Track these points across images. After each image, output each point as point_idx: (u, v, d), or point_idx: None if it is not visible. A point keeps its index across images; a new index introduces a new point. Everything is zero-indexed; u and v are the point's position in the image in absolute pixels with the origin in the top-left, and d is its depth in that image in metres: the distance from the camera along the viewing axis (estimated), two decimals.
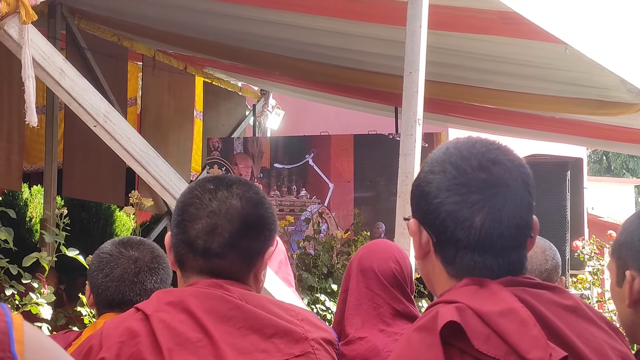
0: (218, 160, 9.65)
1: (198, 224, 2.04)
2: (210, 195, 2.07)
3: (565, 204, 7.46)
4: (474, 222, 1.68)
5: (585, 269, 7.77)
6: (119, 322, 2.03)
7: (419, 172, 1.79)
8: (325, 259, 6.78)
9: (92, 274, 2.85)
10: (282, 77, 9.77)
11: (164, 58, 9.40)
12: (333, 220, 9.13)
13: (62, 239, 4.27)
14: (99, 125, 3.58)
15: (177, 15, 7.44)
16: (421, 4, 4.54)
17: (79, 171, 8.33)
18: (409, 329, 1.69)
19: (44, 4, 6.98)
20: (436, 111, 8.66)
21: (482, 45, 6.58)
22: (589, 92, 7.51)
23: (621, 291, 2.07)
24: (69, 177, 8.27)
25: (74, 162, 8.29)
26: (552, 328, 1.65)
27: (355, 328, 3.18)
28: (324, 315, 6.12)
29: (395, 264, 3.26)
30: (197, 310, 1.97)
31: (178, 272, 2.13)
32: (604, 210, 20.14)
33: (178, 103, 9.77)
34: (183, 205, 2.09)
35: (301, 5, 6.34)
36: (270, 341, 1.99)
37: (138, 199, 4.60)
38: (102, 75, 8.23)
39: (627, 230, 2.10)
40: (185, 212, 2.07)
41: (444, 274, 1.74)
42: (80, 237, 8.47)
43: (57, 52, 3.48)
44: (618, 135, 9.24)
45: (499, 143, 1.76)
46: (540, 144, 11.38)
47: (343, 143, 9.35)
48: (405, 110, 4.58)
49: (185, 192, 2.13)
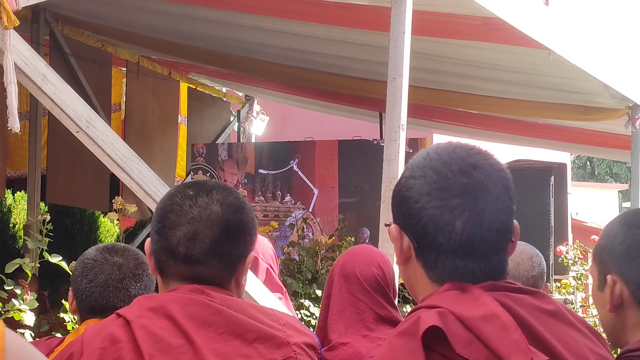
0: (203, 166, 9.64)
1: (179, 230, 2.04)
2: (191, 201, 2.06)
3: (549, 209, 7.48)
4: (454, 226, 1.68)
5: (569, 274, 7.78)
6: (100, 328, 2.02)
7: (400, 177, 1.79)
8: (310, 265, 6.77)
9: (76, 279, 2.84)
10: (267, 82, 9.77)
11: (148, 64, 9.38)
12: (317, 225, 9.13)
13: (45, 245, 4.26)
14: (81, 131, 3.57)
15: (161, 21, 7.43)
16: (405, 10, 4.54)
17: (62, 177, 8.30)
18: (391, 334, 1.69)
19: (27, 10, 6.98)
20: (420, 117, 8.68)
21: (466, 51, 6.60)
22: (572, 97, 7.54)
23: (603, 295, 2.08)
24: (53, 183, 8.24)
25: (57, 168, 8.26)
26: (534, 332, 1.65)
27: (338, 334, 3.17)
28: (308, 321, 6.11)
29: (377, 269, 3.26)
30: (178, 316, 1.97)
31: (159, 279, 2.13)
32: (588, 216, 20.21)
33: (162, 109, 9.75)
34: (163, 212, 2.08)
35: (285, 11, 6.34)
36: (252, 346, 1.99)
37: (122, 205, 4.59)
38: (86, 81, 8.20)
39: (608, 234, 2.11)
40: (166, 219, 2.06)
41: (426, 279, 1.74)
42: (64, 243, 8.44)
43: (39, 58, 3.47)
44: (602, 141, 9.28)
45: (479, 148, 1.76)
46: (524, 150, 11.42)
47: (327, 149, 9.36)
48: (389, 115, 4.58)
49: (165, 198, 2.12)
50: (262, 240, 4.26)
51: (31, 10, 7.43)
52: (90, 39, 8.50)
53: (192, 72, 10.23)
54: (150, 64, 9.41)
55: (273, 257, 4.25)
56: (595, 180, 37.29)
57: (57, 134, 7.72)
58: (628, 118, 7.41)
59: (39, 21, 7.66)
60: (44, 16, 7.71)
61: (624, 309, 2.05)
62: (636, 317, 2.04)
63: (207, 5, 6.49)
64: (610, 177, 38.76)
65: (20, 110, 3.42)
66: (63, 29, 8.13)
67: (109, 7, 7.23)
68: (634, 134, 7.48)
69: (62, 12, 7.92)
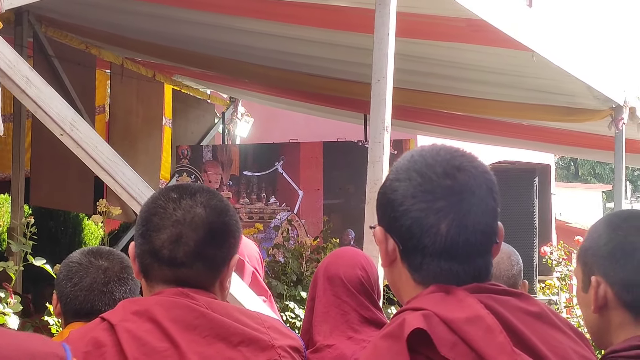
0: (187, 168, 9.63)
1: (163, 233, 2.03)
2: (174, 204, 2.06)
3: (533, 210, 7.50)
4: (439, 228, 1.68)
5: (553, 275, 7.80)
6: (84, 332, 2.01)
7: (384, 180, 1.79)
8: (295, 267, 6.78)
9: (61, 283, 2.83)
10: (251, 84, 9.76)
11: (132, 66, 9.36)
12: (302, 227, 9.13)
13: (29, 248, 4.25)
14: (65, 134, 3.56)
15: (145, 23, 7.41)
16: (389, 11, 4.54)
17: (46, 179, 8.27)
18: (376, 337, 1.70)
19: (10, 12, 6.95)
20: (405, 118, 8.68)
21: (450, 53, 6.61)
22: (556, 99, 7.56)
23: (587, 297, 2.09)
24: (37, 185, 8.21)
25: (41, 170, 8.23)
26: (518, 335, 1.65)
27: (323, 335, 3.17)
28: (294, 323, 6.11)
29: (361, 270, 3.26)
30: (163, 319, 1.96)
31: (143, 282, 2.12)
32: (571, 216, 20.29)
33: (147, 111, 9.73)
34: (147, 215, 2.07)
35: (270, 13, 6.33)
36: (237, 349, 1.99)
37: (106, 207, 4.59)
38: (70, 83, 8.18)
39: (592, 236, 2.12)
40: (149, 222, 2.06)
41: (411, 282, 1.74)
42: (48, 245, 8.40)
43: (22, 61, 3.46)
44: (585, 142, 9.32)
45: (463, 150, 1.77)
46: (508, 151, 11.46)
47: (312, 150, 9.36)
48: (374, 117, 4.58)
49: (149, 201, 2.12)
50: (248, 242, 4.25)
51: (14, 13, 7.41)
52: (74, 41, 8.48)
53: (176, 74, 10.21)
54: (134, 66, 9.40)
55: (259, 260, 4.25)
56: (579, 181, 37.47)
57: (41, 136, 7.69)
58: (611, 119, 7.44)
59: (22, 23, 7.63)
60: (27, 18, 7.67)
61: (608, 310, 2.06)
62: (620, 318, 2.05)
63: (191, 8, 6.48)
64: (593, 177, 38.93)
65: (4, 113, 3.42)
66: (47, 31, 8.10)
67: (92, 9, 7.21)
68: (617, 135, 7.51)
69: (45, 14, 7.89)
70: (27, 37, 7.77)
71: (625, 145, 7.57)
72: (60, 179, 8.33)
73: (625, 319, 2.05)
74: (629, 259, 2.04)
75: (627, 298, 2.04)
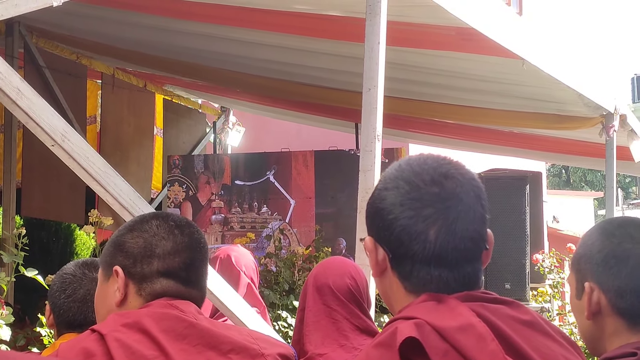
0: (179, 177, 9.62)
1: (173, 260, 2.10)
2: (169, 233, 2.13)
3: (524, 217, 7.51)
4: (428, 235, 1.68)
5: (545, 282, 7.82)
6: (74, 343, 2.02)
7: (373, 190, 1.80)
8: (287, 276, 6.78)
9: (54, 294, 2.83)
10: (242, 94, 9.77)
11: (123, 76, 9.37)
12: (294, 236, 9.13)
13: (20, 259, 4.24)
14: (56, 145, 3.55)
15: (136, 33, 7.41)
16: (379, 20, 4.55)
17: (38, 190, 8.26)
18: (368, 346, 1.69)
19: (1, 23, 6.95)
20: (396, 127, 8.70)
21: (441, 61, 6.62)
22: (547, 106, 7.58)
23: (580, 303, 2.09)
24: (28, 196, 8.20)
25: (33, 181, 8.22)
26: (510, 343, 1.65)
27: (314, 345, 3.17)
28: (286, 332, 6.11)
29: (350, 279, 3.26)
30: (152, 329, 1.97)
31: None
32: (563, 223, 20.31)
33: (138, 121, 9.73)
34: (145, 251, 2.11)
35: (261, 22, 6.34)
36: (227, 357, 2.00)
37: (98, 217, 4.58)
38: (61, 94, 8.17)
39: (585, 243, 2.13)
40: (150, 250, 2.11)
41: (402, 290, 1.75)
42: (39, 256, 8.38)
43: (13, 72, 3.45)
44: (576, 149, 9.33)
45: (450, 158, 1.78)
46: (500, 159, 11.47)
47: (304, 159, 9.37)
48: (365, 126, 4.58)
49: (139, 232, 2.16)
50: (245, 253, 4.26)
51: (5, 24, 7.41)
52: (65, 52, 8.48)
53: (167, 84, 10.22)
54: (125, 76, 9.40)
55: (255, 270, 4.25)
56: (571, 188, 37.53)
57: (32, 146, 7.69)
58: (602, 126, 7.46)
59: (13, 34, 7.63)
60: (18, 29, 7.68)
61: (602, 317, 2.07)
62: (614, 325, 2.06)
63: (181, 18, 6.49)
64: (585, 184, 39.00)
65: None
66: (38, 42, 8.10)
67: (83, 20, 7.21)
68: (608, 142, 7.52)
69: (36, 25, 7.90)
70: (18, 47, 7.77)
71: (616, 153, 7.59)
72: (52, 189, 8.32)
73: (618, 326, 2.06)
74: (623, 266, 2.04)
75: (620, 305, 2.05)
